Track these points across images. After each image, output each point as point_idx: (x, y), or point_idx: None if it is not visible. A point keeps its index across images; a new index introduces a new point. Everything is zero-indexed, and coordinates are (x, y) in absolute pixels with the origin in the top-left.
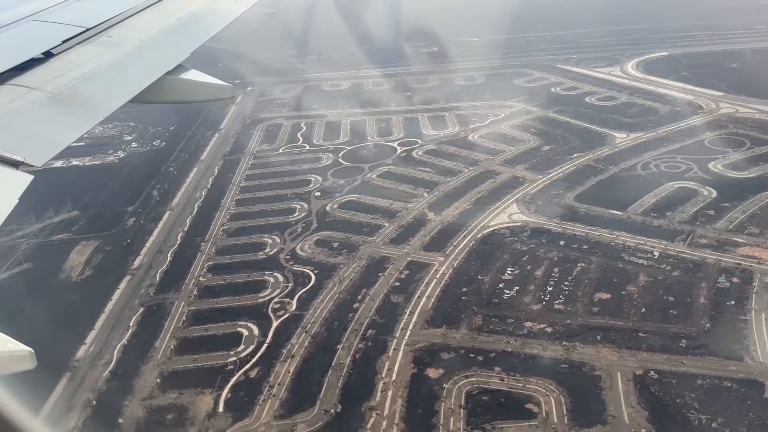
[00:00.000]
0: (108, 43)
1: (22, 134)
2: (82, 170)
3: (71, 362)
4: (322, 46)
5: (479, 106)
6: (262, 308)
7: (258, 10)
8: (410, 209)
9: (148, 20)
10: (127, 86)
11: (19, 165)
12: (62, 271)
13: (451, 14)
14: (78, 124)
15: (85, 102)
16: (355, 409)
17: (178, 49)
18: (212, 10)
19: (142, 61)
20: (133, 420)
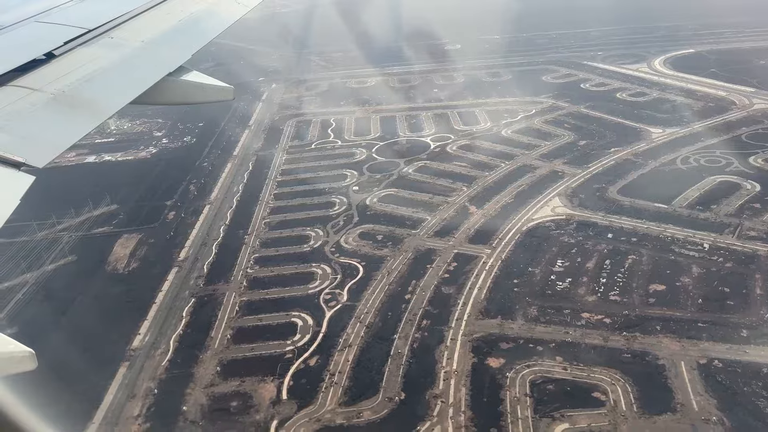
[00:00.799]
0: (110, 45)
1: (23, 135)
2: (116, 165)
3: (127, 352)
4: (342, 45)
5: (509, 102)
6: (313, 299)
7: (275, 8)
8: (451, 203)
9: (150, 22)
10: (128, 88)
11: (21, 166)
12: (108, 263)
13: (467, 13)
14: (79, 126)
15: (86, 103)
16: (419, 396)
17: (180, 51)
18: (214, 12)
19: (144, 62)
20: (197, 407)
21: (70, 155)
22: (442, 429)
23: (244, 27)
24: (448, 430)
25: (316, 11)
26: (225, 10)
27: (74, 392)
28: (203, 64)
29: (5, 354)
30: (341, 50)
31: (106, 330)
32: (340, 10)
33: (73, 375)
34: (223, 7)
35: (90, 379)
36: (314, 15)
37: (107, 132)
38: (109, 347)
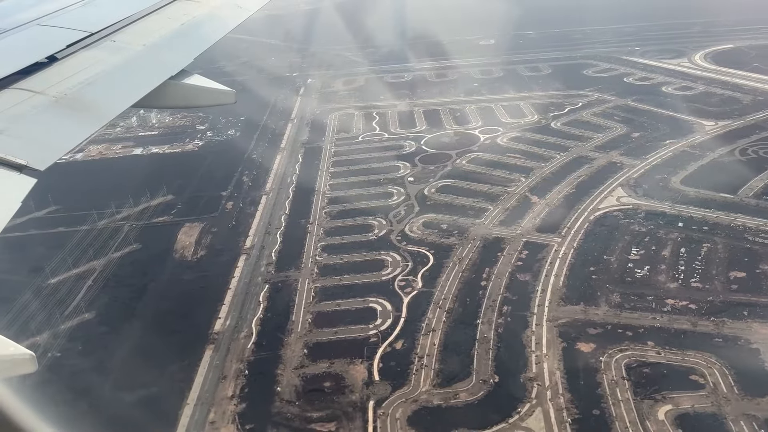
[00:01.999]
0: (112, 48)
1: (25, 138)
2: (165, 157)
3: (210, 335)
4: (374, 41)
5: (553, 96)
6: (388, 285)
7: (302, 6)
8: (511, 193)
9: (152, 25)
10: (130, 91)
11: (23, 168)
12: (174, 250)
13: (497, 8)
14: (81, 128)
15: (88, 106)
16: (513, 380)
17: (182, 55)
18: (216, 16)
19: (146, 66)
20: (290, 388)
21: (116, 147)
22: (543, 411)
23: (270, 24)
24: (549, 411)
25: (343, 9)
26: (226, 15)
27: (165, 374)
28: (233, 60)
29: (5, 357)
30: (373, 46)
31: (186, 314)
32: (365, 8)
33: (161, 357)
34: (225, 12)
35: (177, 361)
36: (341, 13)
37: (149, 125)
38: (192, 331)
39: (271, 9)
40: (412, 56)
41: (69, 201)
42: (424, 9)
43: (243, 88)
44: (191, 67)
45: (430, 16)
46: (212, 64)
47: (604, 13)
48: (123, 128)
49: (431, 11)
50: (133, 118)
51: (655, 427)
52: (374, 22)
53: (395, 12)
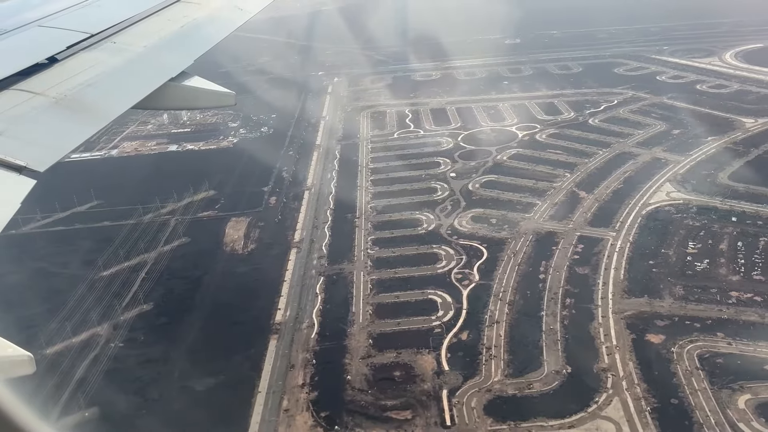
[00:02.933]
0: (112, 50)
1: (25, 139)
2: (201, 153)
3: (272, 325)
4: (397, 41)
5: (587, 93)
6: (444, 278)
7: (318, 6)
8: (557, 188)
9: (153, 27)
10: (130, 92)
11: (22, 170)
12: (224, 244)
13: (517, 9)
14: (81, 130)
15: (88, 107)
16: (586, 370)
17: (182, 56)
18: (216, 18)
19: (146, 67)
20: (360, 377)
21: (150, 144)
22: (621, 400)
23: (291, 25)
24: (627, 400)
25: (364, 9)
26: (227, 17)
27: (231, 363)
28: (259, 59)
29: (4, 358)
30: (397, 46)
31: (244, 306)
32: (386, 9)
33: (225, 347)
34: (225, 14)
35: (243, 350)
36: (363, 13)
37: (181, 122)
38: (253, 322)
39: (290, 9)
40: (437, 55)
41: (111, 196)
42: (444, 10)
43: (270, 86)
44: (192, 69)
45: (452, 16)
46: (236, 62)
47: (626, 13)
48: (154, 125)
49: (452, 12)
50: (165, 116)
51: (737, 416)
52: (397, 22)
53: (417, 13)
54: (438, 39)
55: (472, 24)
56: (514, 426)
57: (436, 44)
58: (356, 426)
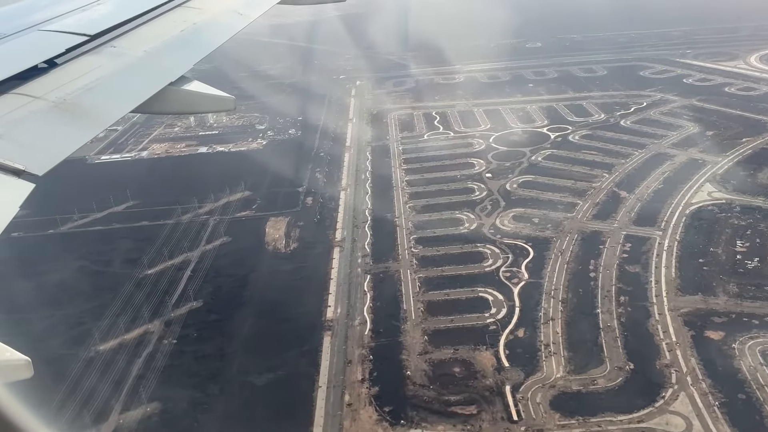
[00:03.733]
0: (112, 54)
1: (24, 143)
2: (231, 155)
3: (324, 322)
4: (415, 46)
5: (615, 96)
6: (493, 276)
7: (346, 9)
8: (598, 188)
9: (153, 32)
10: (129, 96)
11: (21, 173)
12: (266, 243)
13: (534, 14)
14: (80, 134)
15: (87, 111)
16: (649, 366)
17: (182, 61)
18: (216, 23)
19: (146, 71)
20: (419, 372)
21: (180, 146)
22: (687, 395)
23: (308, 30)
24: (694, 395)
25: (380, 15)
26: (227, 21)
27: (288, 359)
28: (278, 63)
29: (1, 362)
30: (415, 50)
31: (294, 303)
32: (402, 14)
33: (279, 343)
34: (225, 18)
35: (298, 346)
36: (373, 19)
37: (207, 125)
38: (304, 318)
39: (306, 15)
40: (457, 59)
41: (146, 196)
42: (460, 14)
43: (292, 90)
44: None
45: (469, 20)
46: (256, 67)
47: (645, 16)
48: (181, 128)
49: (468, 15)
50: (191, 118)
51: None
52: (411, 27)
53: (430, 18)
54: (456, 43)
55: (488, 28)
56: (583, 421)
57: (454, 48)
58: (422, 421)
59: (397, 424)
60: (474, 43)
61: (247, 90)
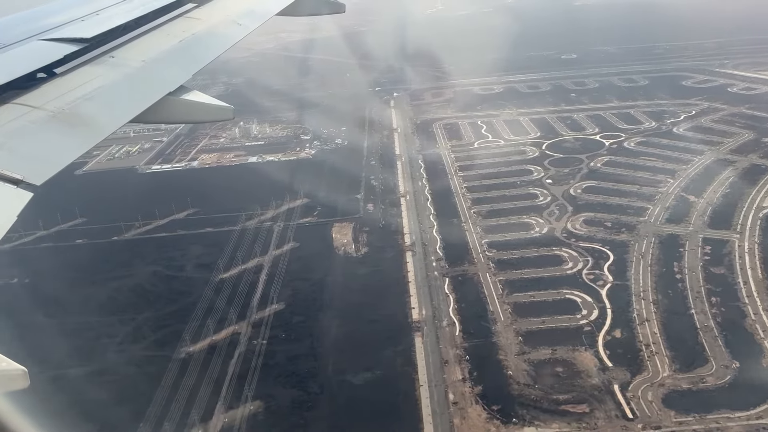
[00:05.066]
0: (111, 64)
1: (22, 153)
2: (282, 165)
3: (412, 323)
4: (449, 58)
5: (662, 104)
6: (575, 279)
7: (369, 25)
8: (665, 193)
9: (152, 42)
10: (129, 106)
11: (19, 183)
12: (335, 247)
13: (559, 28)
14: (78, 144)
15: (86, 121)
16: (755, 364)
17: (181, 71)
18: (215, 33)
19: (145, 81)
20: (521, 372)
21: (229, 156)
22: None
23: (335, 44)
24: None
25: (409, 27)
26: (225, 32)
27: (382, 359)
28: (310, 76)
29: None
30: (449, 63)
31: (376, 305)
32: (422, 29)
33: (370, 343)
34: (224, 29)
35: (390, 346)
36: (409, 32)
37: (252, 136)
38: (390, 320)
39: (333, 30)
40: (493, 71)
41: (206, 204)
42: (483, 29)
43: (331, 102)
44: (191, 83)
45: (493, 34)
46: (290, 80)
47: (674, 29)
48: (227, 139)
49: (491, 30)
50: (236, 130)
51: None
52: (441, 41)
53: (458, 32)
54: (486, 56)
55: (514, 41)
56: (699, 418)
57: (486, 61)
58: (533, 419)
59: (509, 423)
60: (505, 55)
61: (285, 102)
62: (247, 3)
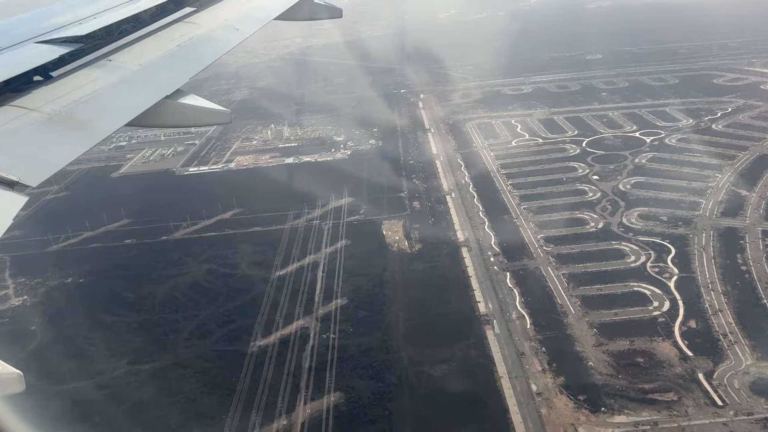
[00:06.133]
0: (108, 67)
1: (18, 155)
2: (320, 165)
3: (480, 317)
4: (470, 60)
5: (696, 102)
6: (641, 271)
7: (386, 29)
8: (715, 187)
9: (149, 46)
10: (125, 109)
11: (15, 185)
12: (388, 244)
13: (579, 27)
14: (74, 146)
15: (82, 124)
16: None
17: (178, 75)
18: (212, 38)
19: (142, 85)
20: (602, 363)
21: (265, 157)
22: None
23: (352, 48)
24: None
25: (425, 31)
26: (223, 36)
27: (456, 350)
28: (335, 80)
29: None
30: (472, 64)
31: (441, 299)
32: (445, 31)
33: (441, 336)
34: (221, 34)
35: (461, 339)
36: (423, 35)
37: (284, 138)
38: (456, 313)
39: (348, 35)
40: (517, 72)
41: (250, 204)
42: (508, 31)
43: (358, 104)
44: (188, 87)
45: (519, 35)
46: (313, 84)
47: (695, 30)
48: (259, 141)
49: (512, 32)
50: (268, 132)
51: None
52: (461, 44)
53: (477, 34)
54: (510, 58)
55: (538, 43)
56: None
57: (510, 62)
58: (622, 408)
59: (597, 411)
60: (528, 56)
61: (313, 105)
62: (245, 7)
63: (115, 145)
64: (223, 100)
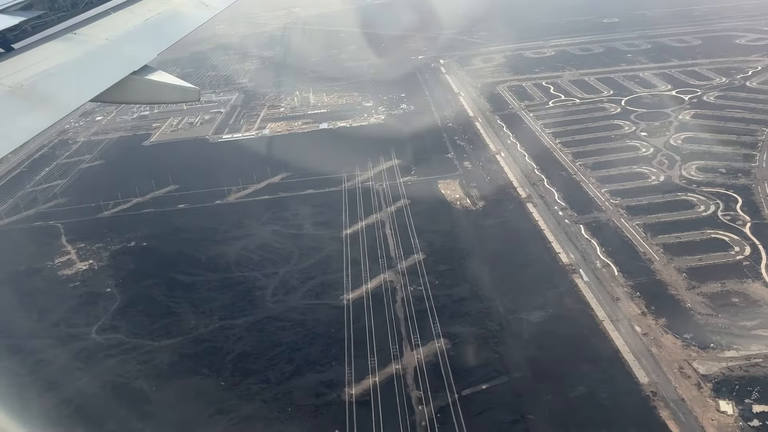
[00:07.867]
0: (73, 41)
1: None
2: (355, 130)
3: (565, 266)
4: (483, 25)
5: (724, 62)
6: (713, 219)
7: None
8: (765, 140)
9: (116, 20)
10: (90, 84)
11: None
12: (450, 202)
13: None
14: (36, 121)
15: (45, 98)
16: None
17: (145, 50)
18: (181, 14)
19: (107, 60)
20: (699, 304)
21: (298, 123)
22: None
23: (358, 16)
24: None
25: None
26: (192, 13)
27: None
28: (347, 48)
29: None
30: (486, 30)
31: (520, 251)
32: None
33: (530, 284)
34: (190, 10)
35: (552, 288)
36: (427, 3)
37: (311, 105)
38: (539, 264)
39: (354, 3)
40: (535, 36)
41: (297, 168)
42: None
43: (377, 71)
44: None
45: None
46: (327, 52)
47: None
48: (287, 108)
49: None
50: (294, 99)
51: None
52: (470, 6)
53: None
54: (524, 22)
55: (551, 7)
56: None
57: (526, 26)
58: (731, 344)
59: (707, 348)
60: (544, 20)
61: (331, 73)
62: None
63: (138, 115)
64: (238, 69)
